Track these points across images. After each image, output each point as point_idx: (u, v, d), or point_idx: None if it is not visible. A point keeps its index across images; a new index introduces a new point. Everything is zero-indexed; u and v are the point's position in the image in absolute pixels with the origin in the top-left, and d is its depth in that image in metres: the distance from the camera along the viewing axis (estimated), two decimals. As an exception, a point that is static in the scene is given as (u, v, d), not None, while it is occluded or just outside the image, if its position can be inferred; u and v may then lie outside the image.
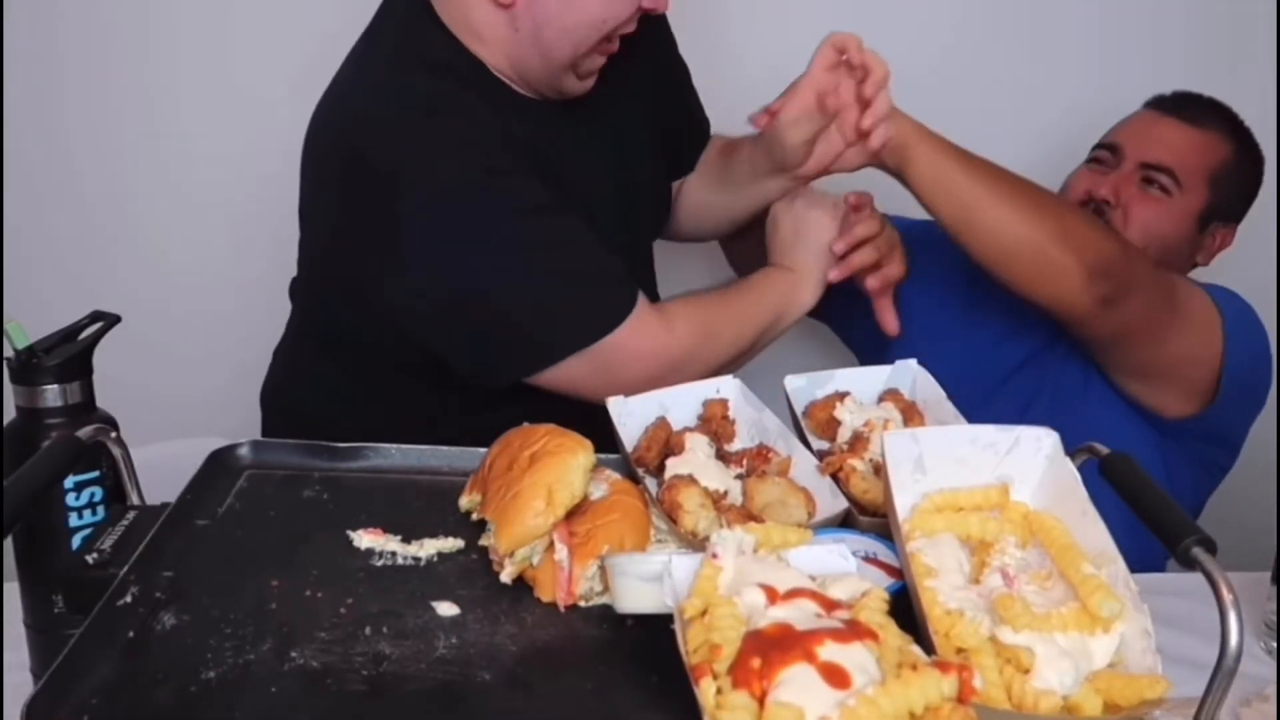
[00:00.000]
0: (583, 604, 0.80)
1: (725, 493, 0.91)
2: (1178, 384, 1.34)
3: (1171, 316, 1.29)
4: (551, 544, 0.81)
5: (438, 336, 1.18)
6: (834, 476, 0.92)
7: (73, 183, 1.83)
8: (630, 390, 1.05)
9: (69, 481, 0.93)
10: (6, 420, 0.97)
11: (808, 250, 1.30)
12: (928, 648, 0.70)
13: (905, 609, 0.74)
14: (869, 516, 0.87)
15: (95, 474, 0.94)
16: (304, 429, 1.21)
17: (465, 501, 0.91)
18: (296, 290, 1.37)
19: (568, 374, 1.15)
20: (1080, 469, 0.83)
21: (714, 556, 0.72)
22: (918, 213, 1.33)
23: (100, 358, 0.98)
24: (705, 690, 0.63)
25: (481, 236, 1.12)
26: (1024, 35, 1.83)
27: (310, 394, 1.36)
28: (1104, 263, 1.21)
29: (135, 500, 0.93)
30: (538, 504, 0.81)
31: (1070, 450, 0.84)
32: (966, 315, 1.50)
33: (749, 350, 1.27)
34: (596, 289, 1.17)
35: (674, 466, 0.92)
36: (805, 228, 1.30)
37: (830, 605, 0.69)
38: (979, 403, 1.08)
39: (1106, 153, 1.47)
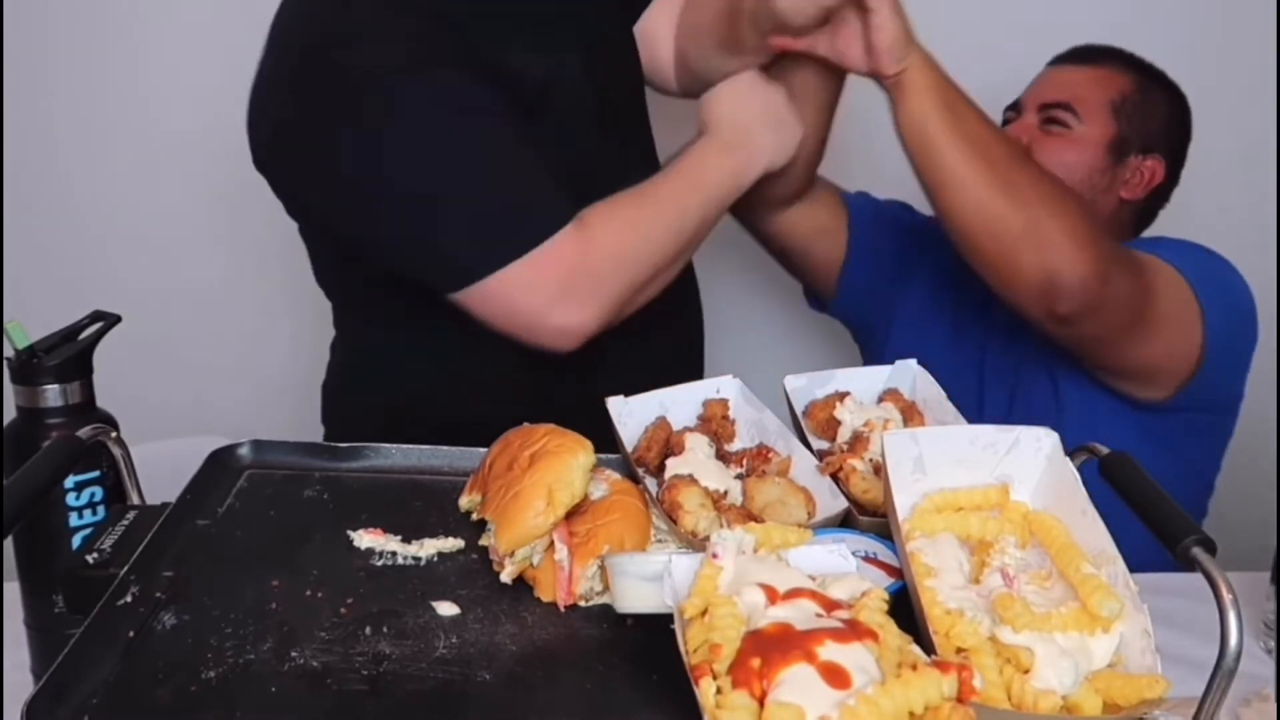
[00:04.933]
0: (583, 604, 0.80)
1: (725, 493, 0.91)
2: (1158, 378, 1.31)
3: (1146, 324, 1.24)
4: (551, 544, 0.81)
5: (361, 231, 1.15)
6: (834, 476, 0.92)
7: (73, 183, 1.84)
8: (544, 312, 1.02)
9: (69, 481, 0.93)
10: (6, 420, 0.97)
11: (757, 124, 1.22)
12: (928, 648, 0.70)
13: (905, 609, 0.74)
14: (869, 516, 0.87)
15: (95, 474, 0.95)
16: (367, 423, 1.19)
17: (465, 501, 0.91)
18: (321, 277, 1.34)
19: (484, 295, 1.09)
20: (1080, 469, 0.83)
21: (714, 556, 0.72)
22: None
23: (100, 358, 0.98)
24: (705, 690, 0.63)
25: (416, 133, 1.08)
26: (1020, 29, 1.83)
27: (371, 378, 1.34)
28: (1066, 281, 1.15)
29: (135, 500, 0.93)
30: (538, 504, 0.81)
31: (1070, 450, 0.84)
32: (954, 317, 1.49)
33: (687, 249, 1.19)
34: (517, 209, 1.10)
35: (674, 466, 0.92)
36: (753, 100, 1.23)
37: (830, 605, 0.69)
38: (973, 411, 1.05)
39: (1011, 113, 1.47)
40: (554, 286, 1.09)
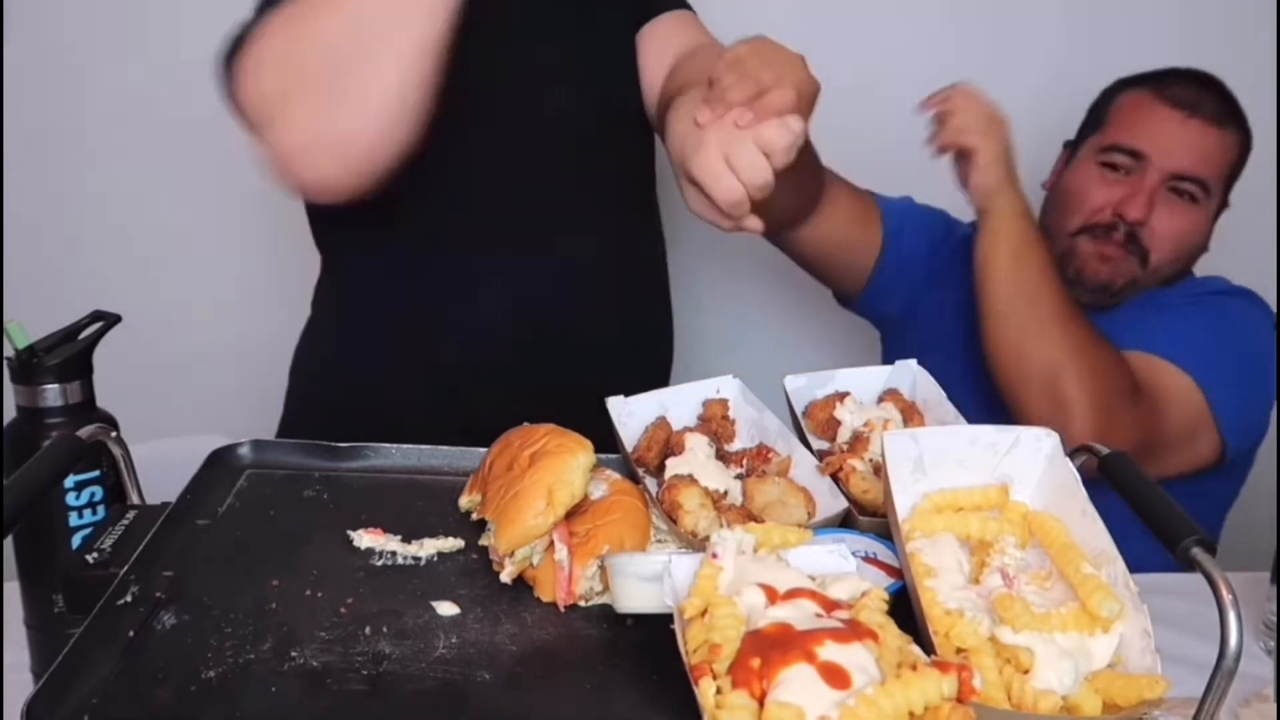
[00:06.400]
0: (583, 604, 0.80)
1: (725, 493, 0.91)
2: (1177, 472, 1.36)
3: (1154, 449, 1.29)
4: (551, 544, 0.81)
5: None
6: (834, 476, 0.92)
7: (73, 183, 1.84)
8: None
9: (69, 481, 0.93)
10: (6, 420, 0.97)
11: None
12: (928, 648, 0.70)
13: (905, 609, 0.74)
14: (869, 516, 0.87)
15: (95, 473, 0.95)
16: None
17: (465, 501, 0.91)
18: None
19: None
20: (1080, 469, 0.83)
21: (714, 556, 0.72)
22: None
23: (100, 358, 0.98)
24: (705, 690, 0.63)
25: None
26: (997, 15, 1.83)
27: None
28: (1067, 434, 1.12)
29: (135, 500, 0.93)
30: (538, 504, 0.81)
31: (1070, 450, 0.84)
32: (969, 325, 1.47)
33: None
34: None
35: (674, 466, 0.92)
36: None
37: (830, 605, 0.69)
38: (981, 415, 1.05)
39: (1127, 158, 1.40)
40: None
